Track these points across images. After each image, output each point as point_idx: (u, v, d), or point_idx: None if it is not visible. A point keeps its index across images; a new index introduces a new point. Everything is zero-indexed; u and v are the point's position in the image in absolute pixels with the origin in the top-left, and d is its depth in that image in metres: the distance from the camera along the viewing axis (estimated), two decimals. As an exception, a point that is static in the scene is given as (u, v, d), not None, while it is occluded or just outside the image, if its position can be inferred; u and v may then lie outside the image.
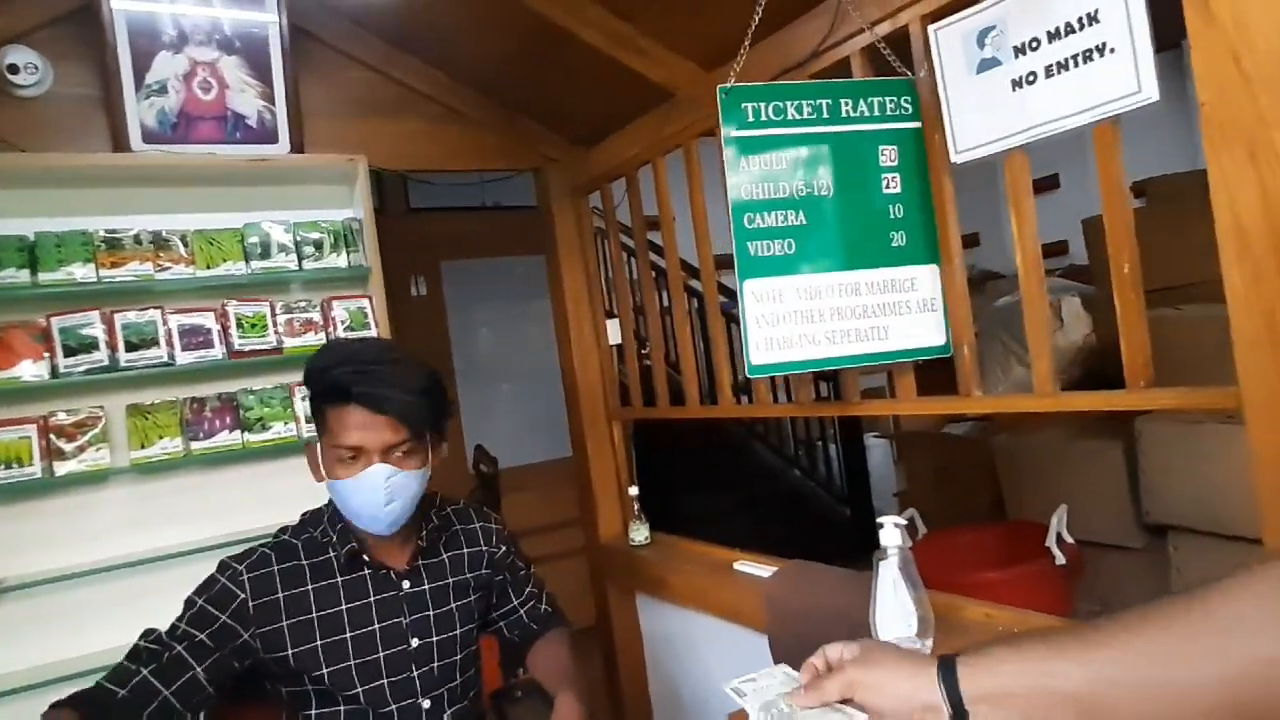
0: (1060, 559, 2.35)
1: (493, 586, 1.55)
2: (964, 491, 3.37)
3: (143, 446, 2.17)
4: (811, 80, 1.84)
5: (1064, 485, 2.73)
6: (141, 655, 1.25)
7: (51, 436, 2.08)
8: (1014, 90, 1.46)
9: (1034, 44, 1.42)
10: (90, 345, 2.11)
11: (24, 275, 2.07)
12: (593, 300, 2.94)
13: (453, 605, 1.45)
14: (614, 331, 2.84)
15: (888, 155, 1.73)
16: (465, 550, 1.51)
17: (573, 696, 1.36)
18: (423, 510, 1.43)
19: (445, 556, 1.48)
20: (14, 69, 2.14)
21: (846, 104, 1.75)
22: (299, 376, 2.37)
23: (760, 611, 1.97)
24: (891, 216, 1.75)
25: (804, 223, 1.78)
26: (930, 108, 1.65)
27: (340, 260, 2.45)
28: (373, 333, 2.43)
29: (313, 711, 1.35)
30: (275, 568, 1.34)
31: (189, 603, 1.32)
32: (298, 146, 2.45)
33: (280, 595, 1.32)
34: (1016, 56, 1.45)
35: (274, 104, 2.41)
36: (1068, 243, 4.31)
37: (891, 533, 1.39)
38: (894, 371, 1.83)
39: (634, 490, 2.65)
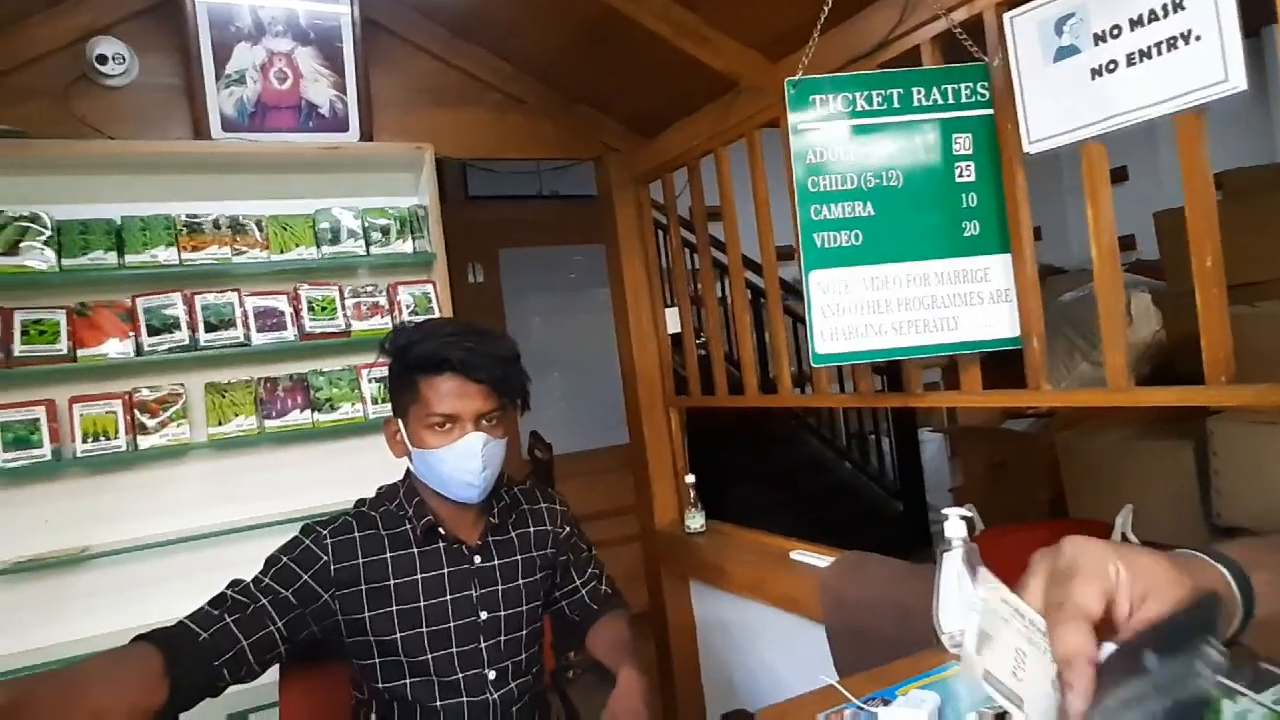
0: (1125, 559, 2.30)
1: (556, 566, 1.58)
2: (1022, 488, 3.31)
3: (220, 423, 2.26)
4: (881, 70, 1.82)
5: (1129, 485, 2.67)
6: (227, 602, 1.28)
7: (136, 411, 2.17)
8: (1093, 79, 1.44)
9: (1115, 31, 1.39)
10: (172, 325, 2.20)
11: (111, 257, 2.16)
12: (652, 289, 2.96)
13: (520, 582, 1.48)
14: (673, 320, 2.85)
15: (961, 143, 1.72)
16: (532, 529, 1.54)
17: (635, 671, 1.38)
18: (495, 486, 1.47)
19: (514, 534, 1.51)
20: (103, 59, 2.23)
21: (918, 93, 1.73)
22: (366, 359, 2.46)
23: (817, 601, 1.98)
24: (964, 206, 1.73)
25: (872, 214, 1.78)
26: (1003, 96, 1.62)
27: (406, 246, 2.50)
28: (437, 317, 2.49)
29: (379, 684, 1.39)
30: (356, 534, 1.39)
31: (273, 560, 1.36)
32: (367, 135, 2.51)
33: (360, 561, 1.37)
34: (1096, 44, 1.42)
35: (345, 93, 2.48)
36: (1135, 237, 4.20)
37: (956, 525, 1.38)
38: (960, 364, 1.81)
39: (691, 478, 2.67)
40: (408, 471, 1.49)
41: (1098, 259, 1.49)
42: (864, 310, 1.77)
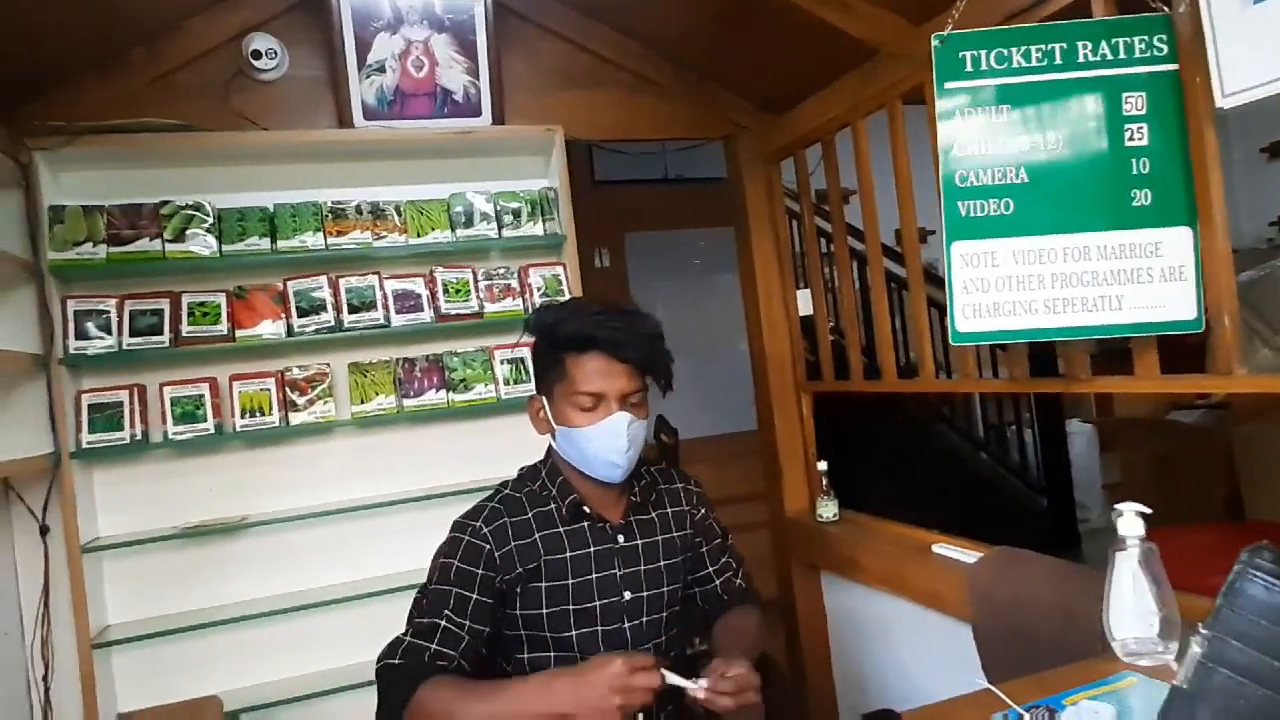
0: (1318, 567, 2.06)
1: (692, 549, 1.55)
2: (1190, 486, 3.04)
3: (362, 402, 2.34)
4: (1043, 23, 1.67)
5: (1322, 484, 2.39)
6: (437, 636, 1.30)
7: (287, 389, 2.29)
8: (1303, 20, 1.26)
9: (1334, -36, 1.22)
10: (319, 307, 2.30)
11: (265, 243, 2.28)
12: (783, 271, 2.87)
13: (661, 563, 1.46)
14: (804, 302, 2.76)
15: (1133, 103, 1.56)
16: (670, 510, 1.52)
17: (749, 662, 1.31)
18: (635, 466, 1.45)
19: (654, 514, 1.49)
20: (257, 54, 2.34)
21: (1085, 47, 1.58)
22: (498, 340, 2.49)
23: (963, 598, 1.86)
24: (1134, 172, 1.57)
25: (1025, 180, 1.65)
26: (1190, 46, 1.46)
27: (537, 229, 2.52)
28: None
29: (525, 655, 1.40)
30: (506, 520, 1.39)
31: (444, 567, 1.36)
32: (499, 119, 2.54)
33: (513, 545, 1.38)
34: (1309, -20, 1.25)
35: (478, 78, 2.51)
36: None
37: (1132, 522, 1.26)
38: (1134, 346, 1.65)
39: (823, 465, 2.58)
40: (549, 450, 1.48)
41: (1307, 226, 1.31)
42: (1013, 286, 1.65)
